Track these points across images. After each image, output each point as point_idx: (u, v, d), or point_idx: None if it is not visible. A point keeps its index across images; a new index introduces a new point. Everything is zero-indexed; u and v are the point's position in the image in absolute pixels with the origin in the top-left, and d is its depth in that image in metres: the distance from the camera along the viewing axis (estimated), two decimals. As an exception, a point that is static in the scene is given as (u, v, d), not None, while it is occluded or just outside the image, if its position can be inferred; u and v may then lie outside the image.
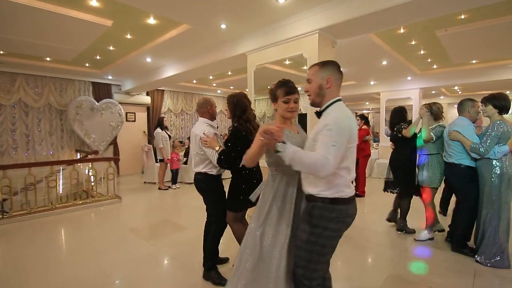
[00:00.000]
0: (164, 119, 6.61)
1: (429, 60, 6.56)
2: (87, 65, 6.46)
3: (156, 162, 7.23)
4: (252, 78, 4.25)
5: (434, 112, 3.44)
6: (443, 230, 3.47)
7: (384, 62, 6.30)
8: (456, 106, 12.81)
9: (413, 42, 5.20)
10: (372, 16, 3.18)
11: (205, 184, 2.47)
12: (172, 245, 3.38)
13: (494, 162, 2.77)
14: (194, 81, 8.73)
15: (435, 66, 7.22)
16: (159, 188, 6.51)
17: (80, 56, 5.64)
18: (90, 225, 4.27)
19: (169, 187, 6.60)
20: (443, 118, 3.50)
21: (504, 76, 6.99)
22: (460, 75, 7.50)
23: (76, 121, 7.09)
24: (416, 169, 3.50)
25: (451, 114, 13.49)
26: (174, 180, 6.69)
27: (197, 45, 4.79)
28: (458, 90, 11.48)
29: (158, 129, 6.43)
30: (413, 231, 3.61)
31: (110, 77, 7.55)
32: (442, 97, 12.61)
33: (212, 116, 2.58)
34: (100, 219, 4.54)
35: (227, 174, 2.41)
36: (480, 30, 4.33)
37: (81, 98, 7.21)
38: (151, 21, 3.97)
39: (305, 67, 7.13)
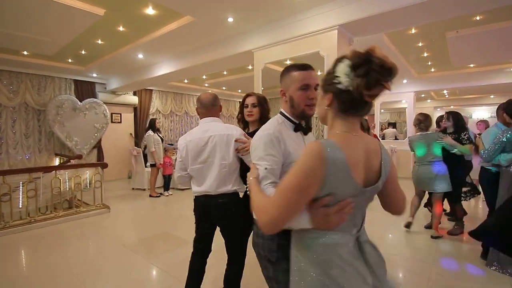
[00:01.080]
0: (157, 121, 6.14)
1: (429, 63, 6.51)
2: (69, 60, 5.88)
3: (146, 167, 6.76)
4: (259, 77, 3.92)
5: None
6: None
7: (386, 64, 6.15)
8: (439, 110, 13.16)
9: (420, 44, 5.08)
10: (393, 14, 2.99)
11: (235, 209, 1.84)
12: (177, 264, 2.97)
13: (504, 169, 2.70)
14: (186, 81, 8.28)
15: (432, 70, 7.20)
16: (150, 195, 6.02)
17: (63, 50, 5.08)
18: (75, 240, 3.75)
19: (161, 194, 6.12)
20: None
21: (500, 80, 7.06)
22: (454, 78, 7.54)
23: (57, 122, 6.46)
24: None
25: (434, 118, 13.80)
26: (166, 187, 6.22)
27: (199, 40, 4.40)
28: (445, 94, 11.70)
29: (150, 132, 5.96)
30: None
31: (94, 75, 6.97)
32: (429, 100, 12.84)
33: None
34: (87, 233, 4.02)
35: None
36: (493, 33, 4.24)
37: (62, 97, 6.58)
38: (150, 11, 3.55)
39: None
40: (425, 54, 5.72)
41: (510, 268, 2.62)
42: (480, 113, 16.51)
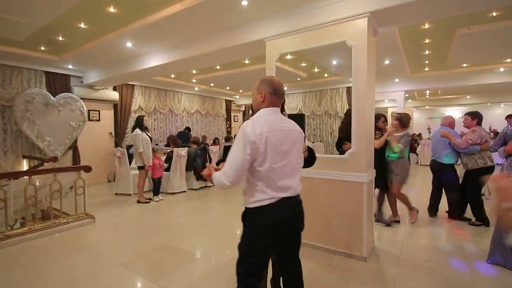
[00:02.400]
0: (144, 118, 5.52)
1: (426, 62, 6.48)
2: (42, 48, 5.10)
3: (131, 169, 6.11)
4: (273, 70, 3.52)
5: (403, 121, 3.97)
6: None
7: (387, 62, 6.03)
8: (414, 110, 13.58)
9: (426, 41, 4.96)
10: (426, 2, 2.72)
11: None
12: (191, 284, 2.51)
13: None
14: (172, 76, 7.67)
15: (426, 69, 7.22)
16: (138, 201, 5.41)
17: (36, 35, 4.36)
18: (59, 259, 3.13)
19: (150, 199, 5.53)
20: (409, 127, 4.05)
21: (489, 80, 7.23)
22: (445, 78, 7.64)
23: (26, 120, 5.63)
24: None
25: (415, 117, 14.20)
26: (156, 191, 5.63)
27: (203, 26, 3.89)
28: (427, 94, 12.01)
29: (137, 130, 5.34)
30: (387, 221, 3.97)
31: (70, 66, 6.18)
32: (410, 100, 13.14)
33: None
34: (72, 250, 3.40)
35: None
36: (506, 30, 4.18)
37: (32, 90, 5.75)
38: (151, -12, 3.04)
39: (303, 64, 6.66)
40: (426, 52, 5.65)
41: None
42: (453, 113, 17.39)
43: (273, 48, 3.56)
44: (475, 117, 4.00)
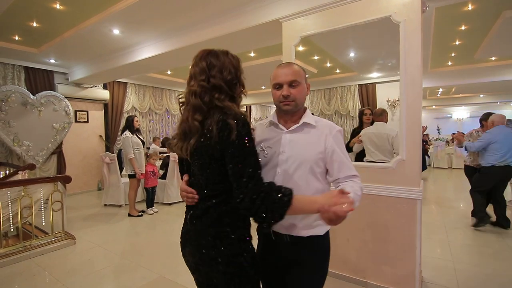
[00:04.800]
0: (135, 118, 4.81)
1: (452, 54, 5.81)
2: (16, 38, 4.38)
3: (122, 176, 5.40)
4: (291, 56, 2.83)
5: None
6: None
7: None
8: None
9: (462, 27, 4.29)
10: None
11: None
12: None
13: None
14: (169, 72, 6.97)
15: (449, 63, 6.55)
16: (130, 215, 4.69)
17: (3, 20, 3.65)
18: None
19: (143, 212, 4.81)
20: None
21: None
22: (467, 74, 6.99)
23: (0, 121, 4.90)
24: None
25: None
26: (150, 202, 4.91)
27: (204, 6, 3.20)
28: (438, 93, 11.36)
29: (127, 133, 4.63)
30: None
31: (52, 61, 5.46)
32: (419, 99, 12.46)
33: None
34: (43, 284, 2.68)
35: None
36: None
37: (7, 88, 5.01)
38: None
39: (315, 57, 5.96)
40: (457, 42, 4.99)
41: None
42: (460, 113, 16.78)
43: (292, 30, 2.87)
44: None
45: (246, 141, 0.96)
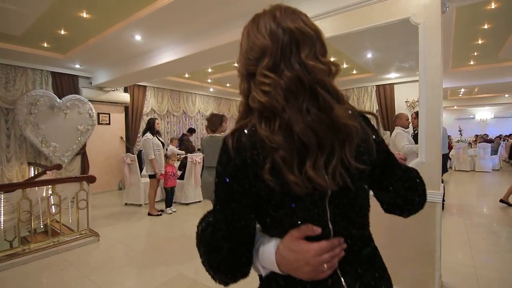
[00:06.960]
0: (156, 121, 4.97)
1: (474, 54, 5.64)
2: (45, 45, 4.63)
3: (142, 176, 5.58)
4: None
5: None
6: None
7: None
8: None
9: (485, 26, 4.17)
10: None
11: None
12: None
13: None
14: (187, 75, 7.13)
15: (471, 62, 6.35)
16: (150, 214, 4.85)
17: (34, 29, 3.88)
18: (51, 293, 2.57)
19: (162, 211, 4.95)
20: None
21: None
22: (491, 73, 6.73)
23: (29, 124, 5.18)
24: None
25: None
26: (169, 202, 5.05)
27: (221, 11, 3.28)
28: (460, 93, 10.98)
29: (148, 134, 4.79)
30: None
31: (77, 66, 5.72)
32: (440, 100, 12.11)
33: None
34: (68, 278, 2.83)
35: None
36: None
37: (36, 92, 5.31)
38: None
39: (332, 59, 5.93)
40: (479, 41, 4.84)
41: None
42: (484, 113, 16.10)
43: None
44: None
45: None
